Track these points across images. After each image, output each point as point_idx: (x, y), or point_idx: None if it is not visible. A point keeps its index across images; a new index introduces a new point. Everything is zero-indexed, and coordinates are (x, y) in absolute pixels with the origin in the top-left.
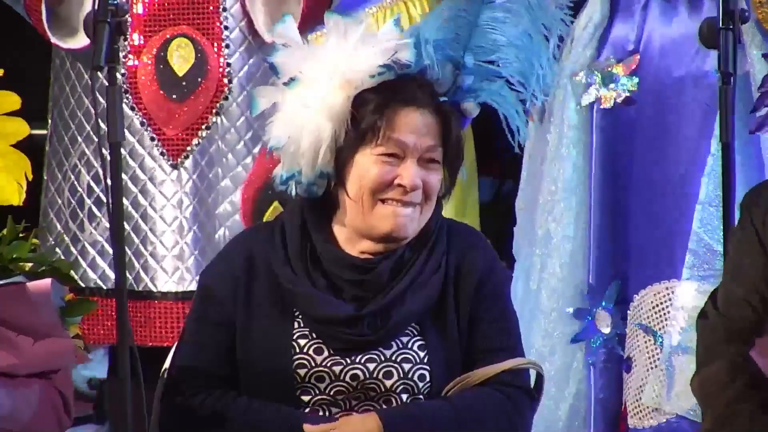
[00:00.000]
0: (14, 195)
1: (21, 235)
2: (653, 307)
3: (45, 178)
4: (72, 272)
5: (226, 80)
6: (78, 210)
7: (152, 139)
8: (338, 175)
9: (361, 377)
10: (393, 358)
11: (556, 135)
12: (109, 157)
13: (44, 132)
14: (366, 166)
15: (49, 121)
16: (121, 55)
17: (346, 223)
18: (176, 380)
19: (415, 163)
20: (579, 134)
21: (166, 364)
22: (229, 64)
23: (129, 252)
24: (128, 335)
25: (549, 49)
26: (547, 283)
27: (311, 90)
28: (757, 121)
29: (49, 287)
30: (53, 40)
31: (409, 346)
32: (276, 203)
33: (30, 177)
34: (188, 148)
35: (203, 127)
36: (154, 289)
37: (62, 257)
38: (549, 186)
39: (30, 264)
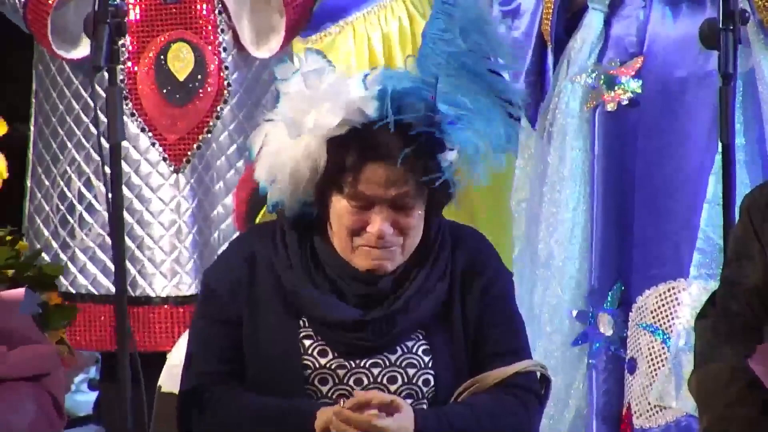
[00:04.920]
0: None
1: (9, 238)
2: (659, 307)
3: (29, 185)
4: (59, 275)
5: (225, 83)
6: (68, 216)
7: (153, 144)
8: (322, 207)
9: (365, 382)
10: (397, 363)
11: (558, 141)
12: (108, 159)
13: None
14: (340, 211)
15: (32, 128)
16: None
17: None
18: (195, 385)
19: (385, 210)
20: (581, 137)
21: (163, 375)
22: (227, 68)
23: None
24: (129, 340)
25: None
26: (549, 303)
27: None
28: None
29: (23, 295)
30: (57, 51)
31: (414, 350)
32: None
33: (5, 176)
34: (189, 153)
35: (204, 131)
36: (153, 294)
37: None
38: (550, 207)
39: (12, 270)
